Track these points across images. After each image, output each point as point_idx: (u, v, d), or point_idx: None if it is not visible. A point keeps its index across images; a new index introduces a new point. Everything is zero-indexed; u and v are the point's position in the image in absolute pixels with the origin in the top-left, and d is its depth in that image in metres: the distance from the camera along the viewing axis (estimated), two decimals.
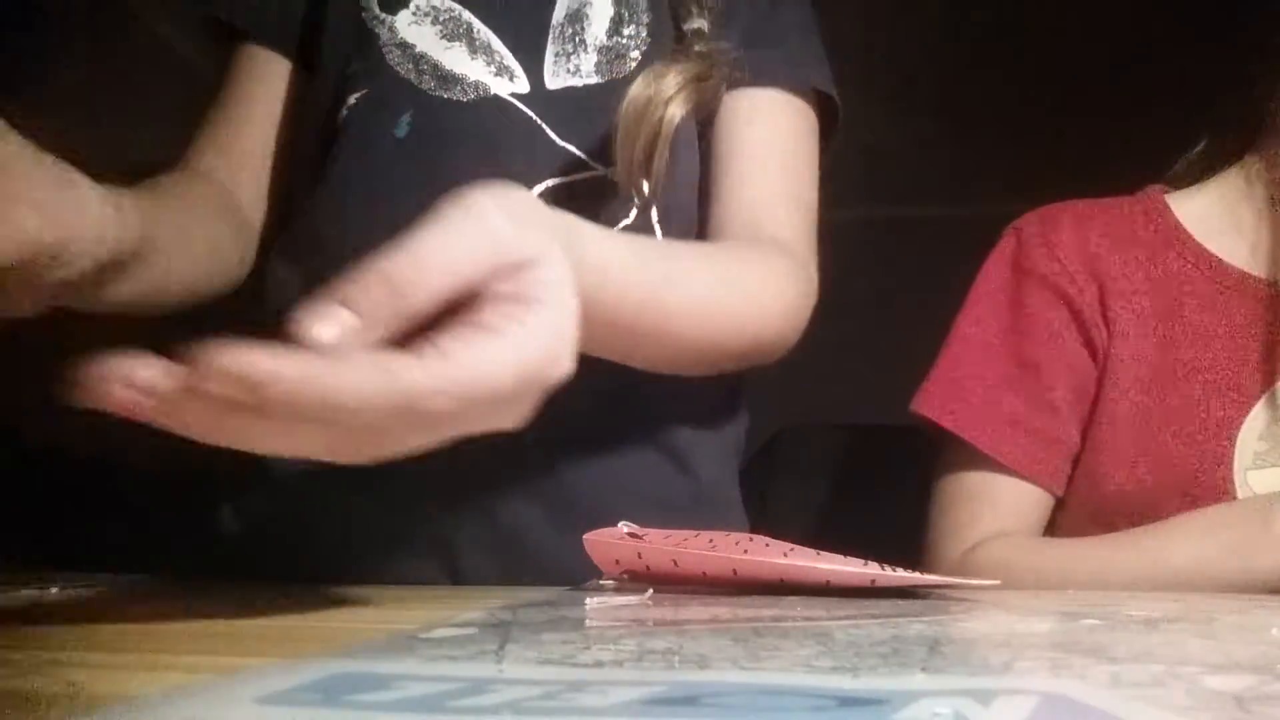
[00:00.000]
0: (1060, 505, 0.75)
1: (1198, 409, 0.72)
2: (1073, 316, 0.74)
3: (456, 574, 0.63)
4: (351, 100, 0.66)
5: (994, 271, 0.77)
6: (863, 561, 0.49)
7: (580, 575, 0.53)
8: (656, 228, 0.64)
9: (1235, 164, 0.77)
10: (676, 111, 0.59)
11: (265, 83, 0.72)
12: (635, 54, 0.65)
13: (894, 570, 0.49)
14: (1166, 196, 0.79)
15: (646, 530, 0.51)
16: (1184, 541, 0.65)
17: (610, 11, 0.66)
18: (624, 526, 0.52)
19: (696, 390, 0.63)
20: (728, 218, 0.65)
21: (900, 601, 0.47)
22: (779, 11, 0.71)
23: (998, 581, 0.55)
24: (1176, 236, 0.77)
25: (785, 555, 0.48)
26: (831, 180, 0.74)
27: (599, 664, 0.24)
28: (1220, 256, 0.75)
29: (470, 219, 0.38)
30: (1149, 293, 0.74)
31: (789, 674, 0.23)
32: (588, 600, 0.45)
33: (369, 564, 0.62)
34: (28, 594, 0.49)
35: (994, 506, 0.73)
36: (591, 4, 0.66)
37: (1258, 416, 0.71)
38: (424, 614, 0.43)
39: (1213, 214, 0.76)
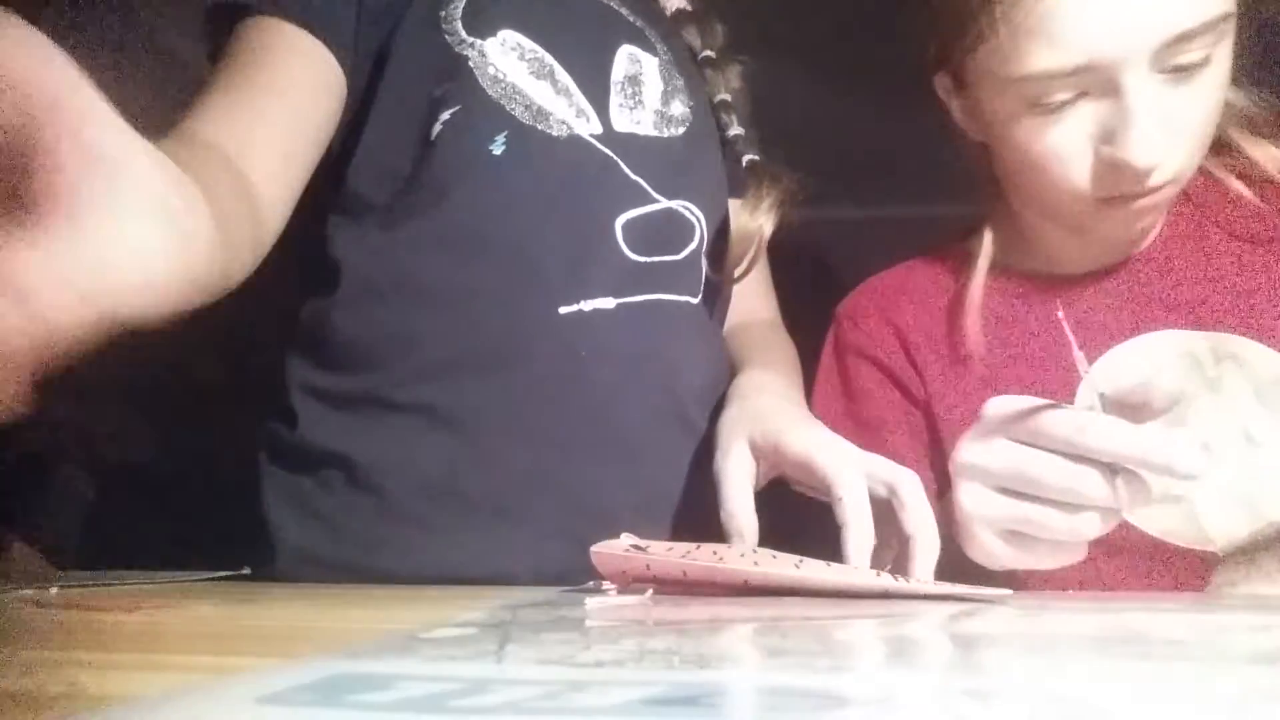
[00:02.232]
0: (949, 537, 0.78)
1: None
2: (886, 375, 0.82)
3: (542, 566, 0.66)
4: (445, 116, 0.69)
5: (826, 353, 0.86)
6: (875, 572, 0.49)
7: None
8: (702, 259, 0.77)
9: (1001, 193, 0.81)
10: (768, 229, 0.77)
11: (302, 64, 0.67)
12: (681, 127, 0.77)
13: (906, 580, 0.49)
14: (965, 243, 0.85)
15: (649, 543, 0.51)
16: None
17: (660, 85, 0.78)
18: (626, 539, 0.51)
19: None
20: (734, 308, 0.84)
21: (900, 602, 0.47)
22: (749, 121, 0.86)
23: (1009, 592, 0.56)
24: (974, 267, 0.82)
25: (797, 566, 0.48)
26: (830, 180, 0.78)
27: (599, 664, 0.24)
28: (1017, 269, 0.80)
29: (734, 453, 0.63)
30: (957, 331, 0.80)
31: (789, 674, 0.23)
32: (588, 600, 0.45)
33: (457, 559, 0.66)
34: (28, 594, 0.49)
35: None
36: (644, 73, 0.77)
37: (1085, 398, 0.73)
38: (424, 614, 0.43)
39: (1002, 236, 0.81)
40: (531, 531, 0.67)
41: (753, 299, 0.86)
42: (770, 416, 0.64)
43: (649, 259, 0.72)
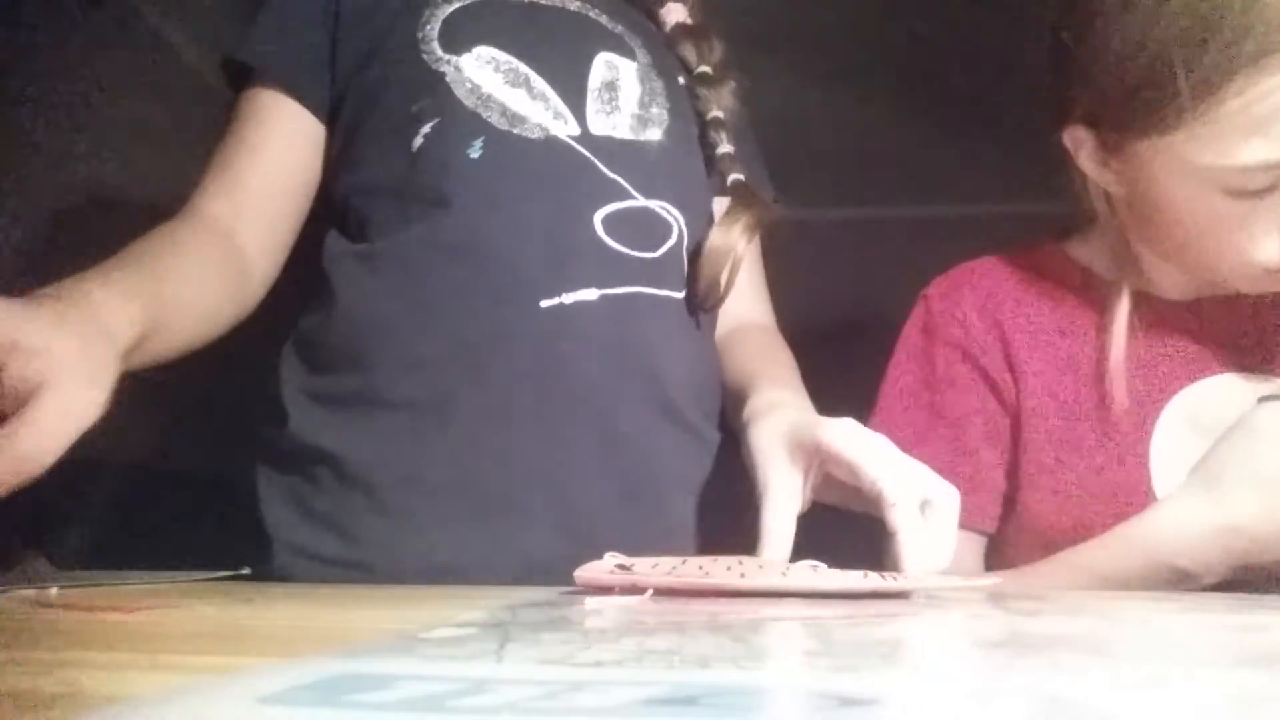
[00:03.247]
0: (1011, 541, 0.78)
1: (1113, 430, 0.74)
2: (978, 371, 0.80)
3: (529, 557, 0.67)
4: (425, 130, 0.73)
5: (908, 337, 0.84)
6: (862, 574, 0.49)
7: (644, 548, 0.55)
8: (684, 256, 0.77)
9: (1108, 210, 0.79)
10: (743, 250, 0.76)
11: (278, 126, 0.77)
12: (659, 129, 0.79)
13: (893, 579, 0.49)
14: (1064, 245, 0.84)
15: (634, 560, 0.51)
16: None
17: (638, 90, 0.79)
18: (610, 559, 0.51)
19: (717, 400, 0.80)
20: (727, 312, 0.81)
21: (900, 601, 0.48)
22: (745, 129, 0.87)
23: (997, 580, 0.56)
24: (1078, 276, 0.81)
25: (784, 575, 0.48)
26: (832, 180, 0.78)
27: (599, 664, 0.24)
28: (1120, 283, 0.78)
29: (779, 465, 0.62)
30: (1056, 334, 0.79)
31: (789, 674, 0.23)
32: (588, 600, 0.45)
33: (444, 555, 0.67)
34: (28, 594, 0.49)
35: None
36: (621, 78, 0.79)
37: (1166, 427, 0.73)
38: (424, 614, 0.43)
39: (1108, 250, 0.80)
40: (518, 523, 0.68)
41: (746, 301, 0.85)
42: (804, 424, 0.63)
43: (630, 251, 0.73)
